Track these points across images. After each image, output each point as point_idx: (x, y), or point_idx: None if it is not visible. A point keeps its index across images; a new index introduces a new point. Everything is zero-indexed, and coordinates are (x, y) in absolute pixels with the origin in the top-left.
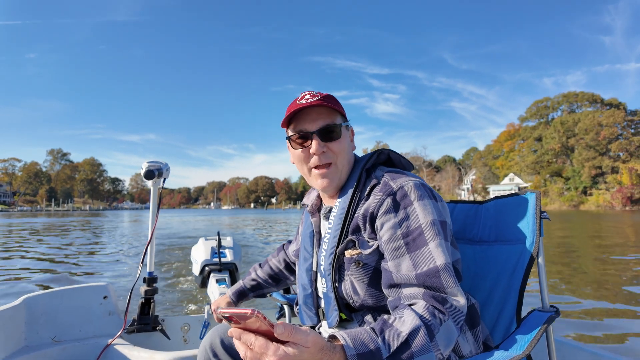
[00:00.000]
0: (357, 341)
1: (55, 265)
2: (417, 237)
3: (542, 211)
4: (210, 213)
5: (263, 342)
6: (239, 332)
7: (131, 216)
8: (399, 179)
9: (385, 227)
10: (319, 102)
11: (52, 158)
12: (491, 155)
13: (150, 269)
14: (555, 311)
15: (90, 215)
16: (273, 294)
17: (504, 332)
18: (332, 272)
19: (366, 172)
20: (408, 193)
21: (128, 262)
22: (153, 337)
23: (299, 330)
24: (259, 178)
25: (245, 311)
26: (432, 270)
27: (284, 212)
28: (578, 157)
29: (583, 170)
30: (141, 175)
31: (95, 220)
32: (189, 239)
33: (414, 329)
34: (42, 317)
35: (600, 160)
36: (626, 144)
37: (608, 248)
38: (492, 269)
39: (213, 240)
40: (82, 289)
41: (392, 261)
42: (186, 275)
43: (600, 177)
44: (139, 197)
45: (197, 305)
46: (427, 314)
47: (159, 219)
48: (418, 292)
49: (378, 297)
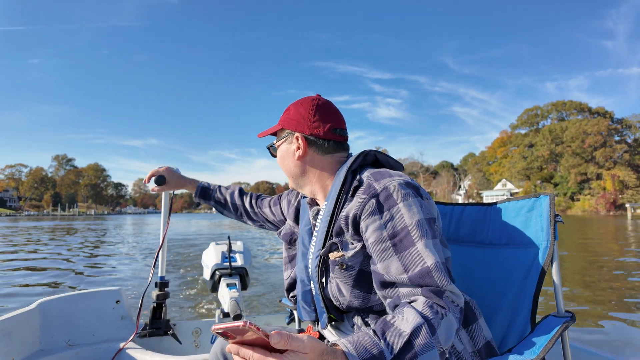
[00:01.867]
0: (360, 347)
1: (68, 269)
2: (404, 238)
3: (556, 214)
4: (213, 217)
5: (261, 354)
6: (236, 347)
7: (136, 220)
8: (383, 180)
9: (371, 229)
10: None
11: (57, 163)
12: (485, 162)
13: (162, 273)
14: (571, 317)
15: (96, 219)
16: (282, 300)
17: (518, 337)
18: (318, 275)
19: (352, 173)
20: (392, 193)
21: (139, 264)
22: (165, 341)
23: (295, 337)
24: (260, 183)
25: (237, 324)
26: (424, 271)
27: None
28: (565, 164)
29: (570, 177)
30: (141, 183)
31: (105, 224)
32: (197, 243)
33: (415, 327)
34: (56, 321)
35: (586, 167)
36: (610, 152)
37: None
38: (503, 272)
39: (224, 245)
40: (96, 293)
41: (381, 263)
42: (197, 280)
43: (586, 183)
44: (142, 202)
45: (208, 309)
46: (428, 309)
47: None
48: (416, 290)
49: (364, 298)
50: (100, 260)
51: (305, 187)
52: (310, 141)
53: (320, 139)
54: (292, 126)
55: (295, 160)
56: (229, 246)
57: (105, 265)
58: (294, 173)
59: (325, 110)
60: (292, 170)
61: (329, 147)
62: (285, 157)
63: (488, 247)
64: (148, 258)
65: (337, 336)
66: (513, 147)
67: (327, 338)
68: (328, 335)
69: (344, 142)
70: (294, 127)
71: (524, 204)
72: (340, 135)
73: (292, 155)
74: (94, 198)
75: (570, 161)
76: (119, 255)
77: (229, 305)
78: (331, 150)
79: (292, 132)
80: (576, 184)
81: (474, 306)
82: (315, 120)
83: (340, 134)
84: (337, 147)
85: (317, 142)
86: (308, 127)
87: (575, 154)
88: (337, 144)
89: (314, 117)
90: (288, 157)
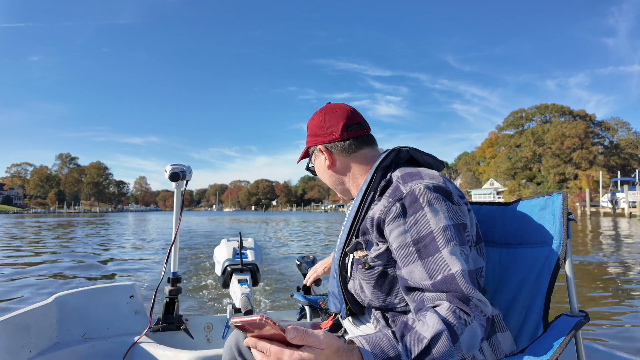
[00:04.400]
0: (377, 347)
1: (83, 264)
2: (429, 244)
3: (569, 212)
4: (213, 215)
5: (278, 348)
6: (254, 340)
7: (139, 217)
8: (411, 182)
9: (395, 234)
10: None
11: (61, 162)
12: (475, 161)
13: (174, 269)
14: (585, 316)
15: (101, 216)
16: (294, 295)
17: (530, 336)
18: (339, 268)
19: (383, 170)
20: (418, 197)
21: (150, 260)
22: (177, 336)
23: (311, 333)
24: (260, 181)
25: (254, 318)
26: (448, 278)
27: (281, 214)
28: (545, 165)
29: (549, 177)
30: (144, 180)
31: (111, 220)
32: (208, 240)
33: (436, 334)
34: (72, 315)
35: (564, 167)
36: (586, 153)
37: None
38: (517, 272)
39: (235, 241)
40: (110, 288)
41: (405, 268)
42: (209, 275)
43: (564, 183)
44: (143, 200)
45: (220, 305)
46: (452, 316)
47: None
48: (441, 295)
49: (384, 299)
50: (113, 256)
51: (349, 193)
52: (332, 148)
53: (339, 142)
54: (313, 142)
55: (328, 171)
56: (240, 242)
57: (118, 260)
58: (333, 183)
59: (334, 112)
60: (331, 182)
61: (350, 145)
62: (321, 173)
63: (504, 247)
64: (159, 253)
65: (354, 325)
66: (501, 147)
67: (344, 327)
68: (346, 324)
69: (363, 135)
70: (314, 142)
71: (537, 203)
72: (356, 130)
73: (324, 168)
74: (97, 196)
75: (550, 162)
76: (131, 250)
77: (240, 301)
78: (354, 148)
79: (315, 147)
80: (555, 183)
81: (499, 319)
82: (328, 127)
83: (355, 128)
84: (359, 144)
85: (338, 146)
86: (324, 136)
87: (555, 155)
88: (358, 140)
89: (326, 124)
90: (323, 172)
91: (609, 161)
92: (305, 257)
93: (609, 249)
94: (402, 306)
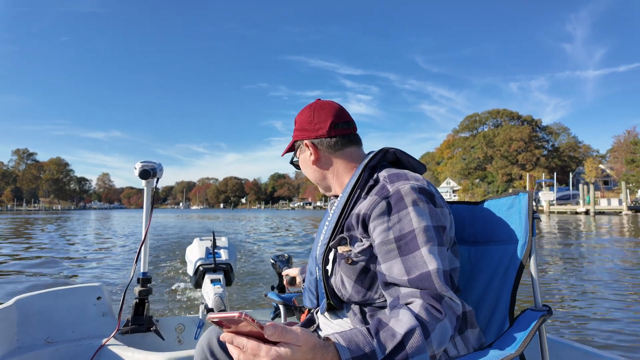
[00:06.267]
0: (352, 344)
1: (46, 264)
2: (409, 241)
3: (534, 211)
4: (180, 212)
5: (255, 344)
6: (230, 336)
7: (102, 215)
8: (397, 182)
9: (378, 230)
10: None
11: (18, 157)
12: (435, 161)
13: (144, 269)
14: (548, 310)
15: (62, 214)
16: (268, 294)
17: (497, 331)
18: (322, 263)
19: (370, 169)
20: (404, 197)
21: (119, 259)
22: (147, 337)
23: (289, 330)
24: (229, 179)
25: (233, 315)
26: (424, 275)
27: (249, 211)
28: (495, 165)
29: (498, 177)
30: (107, 177)
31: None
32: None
33: (409, 330)
34: (34, 318)
35: (511, 168)
36: (530, 156)
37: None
38: (485, 269)
39: (208, 241)
40: (75, 289)
41: (385, 264)
42: (181, 275)
43: (511, 182)
44: (107, 197)
45: (192, 305)
46: (424, 313)
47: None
48: (415, 292)
49: (364, 294)
50: (80, 255)
51: (331, 189)
52: (318, 143)
53: (326, 138)
54: (300, 136)
55: (312, 166)
56: (214, 241)
57: (84, 259)
58: (316, 178)
59: (323, 109)
60: (314, 177)
61: (337, 143)
62: (305, 167)
63: (473, 245)
64: (128, 253)
65: (331, 320)
66: (457, 149)
67: (319, 322)
68: (321, 319)
69: (350, 134)
70: (301, 137)
71: (504, 202)
72: (344, 129)
73: (309, 163)
74: (57, 193)
75: (499, 163)
76: (98, 250)
77: (213, 301)
78: (340, 146)
79: (302, 141)
80: (503, 183)
81: (471, 316)
82: (316, 122)
83: (343, 127)
84: (345, 142)
85: (324, 142)
86: (312, 131)
87: (504, 157)
88: (344, 138)
89: (315, 120)
90: (307, 166)
91: (551, 163)
92: (280, 256)
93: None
94: (381, 301)
